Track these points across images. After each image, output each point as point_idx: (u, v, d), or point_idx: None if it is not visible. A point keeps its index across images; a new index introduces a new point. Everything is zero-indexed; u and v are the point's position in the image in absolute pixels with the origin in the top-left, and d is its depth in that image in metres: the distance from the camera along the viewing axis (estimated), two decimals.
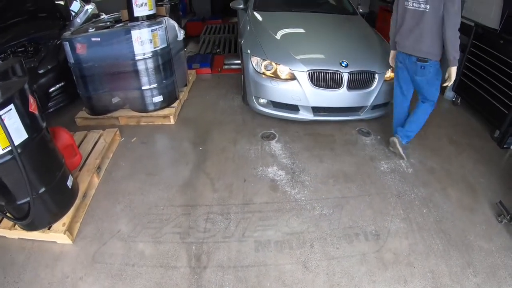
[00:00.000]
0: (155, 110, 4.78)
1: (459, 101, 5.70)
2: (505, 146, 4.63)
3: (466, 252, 3.01)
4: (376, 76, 4.39)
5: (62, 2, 6.96)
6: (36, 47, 4.96)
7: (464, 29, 4.89)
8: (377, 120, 4.88)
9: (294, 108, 4.47)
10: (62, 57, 4.45)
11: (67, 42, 4.20)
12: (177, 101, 5.03)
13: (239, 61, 5.94)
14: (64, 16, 6.36)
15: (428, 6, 3.32)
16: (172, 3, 6.04)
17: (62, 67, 4.75)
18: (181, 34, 5.00)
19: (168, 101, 4.89)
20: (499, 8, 5.11)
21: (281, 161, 4.06)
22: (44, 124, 2.84)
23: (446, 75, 3.61)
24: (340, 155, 4.21)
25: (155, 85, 4.62)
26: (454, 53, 3.37)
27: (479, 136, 4.87)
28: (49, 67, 4.81)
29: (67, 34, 4.30)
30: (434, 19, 3.34)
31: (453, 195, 3.68)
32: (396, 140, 4.09)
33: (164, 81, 4.70)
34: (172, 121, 4.77)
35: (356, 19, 5.82)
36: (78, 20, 6.95)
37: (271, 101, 4.54)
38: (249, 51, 4.64)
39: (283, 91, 4.35)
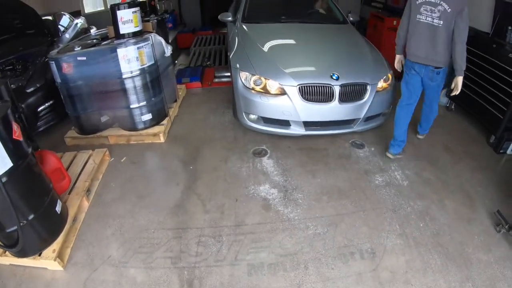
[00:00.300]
0: (144, 128, 4.70)
1: (453, 107, 5.68)
2: (501, 151, 4.60)
3: (464, 265, 2.95)
4: (368, 87, 4.30)
5: (50, 18, 6.92)
6: (24, 65, 4.88)
7: None
8: (370, 131, 4.82)
9: (285, 123, 4.38)
10: (50, 75, 4.36)
11: (53, 62, 4.13)
12: (167, 118, 4.95)
13: (229, 74, 5.72)
14: (52, 32, 6.30)
15: (441, 22, 3.57)
16: (159, 18, 5.97)
17: (50, 85, 4.65)
18: (168, 50, 4.95)
19: (157, 119, 4.81)
20: (490, 12, 5.11)
21: (273, 179, 3.98)
22: (29, 150, 2.77)
23: (453, 85, 3.89)
24: (334, 170, 4.14)
25: (144, 103, 4.54)
26: (462, 64, 3.69)
27: (474, 142, 4.83)
28: (37, 85, 4.75)
29: (53, 53, 4.22)
30: (446, 33, 3.61)
31: (450, 206, 3.62)
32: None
33: (152, 99, 4.63)
34: (162, 139, 4.69)
35: (347, 28, 5.75)
36: (67, 36, 6.89)
37: (262, 117, 4.44)
38: (238, 65, 4.55)
39: (273, 106, 4.27)
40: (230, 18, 5.97)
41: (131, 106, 4.50)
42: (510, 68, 4.38)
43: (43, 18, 6.57)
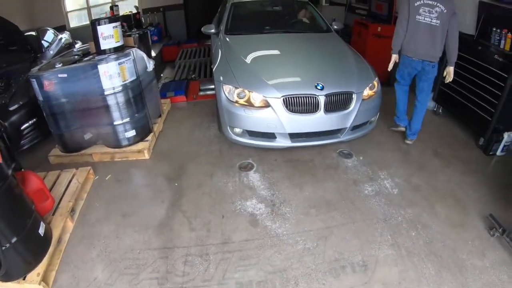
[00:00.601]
0: (129, 145, 4.60)
1: (440, 111, 5.69)
2: (490, 153, 4.62)
3: (459, 272, 2.91)
4: (354, 96, 4.22)
5: (34, 33, 6.84)
6: (7, 82, 4.78)
7: None
8: (358, 140, 4.71)
9: (271, 136, 4.27)
10: (33, 93, 4.26)
11: (35, 79, 4.04)
12: (151, 134, 4.86)
13: (214, 86, 5.26)
14: (35, 48, 6.23)
15: (438, 22, 4.15)
16: (141, 32, 5.91)
17: (33, 103, 4.54)
18: (150, 65, 4.86)
19: (141, 135, 4.72)
20: (474, 14, 5.15)
21: (260, 193, 3.89)
22: (10, 171, 2.69)
23: (445, 73, 4.42)
24: (322, 182, 4.07)
25: (127, 119, 4.46)
26: (455, 57, 4.30)
27: (463, 146, 4.83)
28: (20, 103, 4.67)
29: (34, 70, 4.13)
30: (442, 32, 4.20)
31: (441, 212, 3.58)
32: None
33: (136, 115, 4.54)
34: (146, 156, 4.60)
35: (331, 37, 5.70)
36: (51, 52, 6.83)
37: (247, 130, 4.33)
38: (221, 78, 4.45)
39: (258, 119, 4.17)
40: (213, 30, 5.91)
41: (115, 123, 4.42)
42: (496, 69, 4.40)
43: (27, 34, 6.52)
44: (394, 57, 4.60)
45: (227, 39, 5.44)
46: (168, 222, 3.54)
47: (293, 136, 4.25)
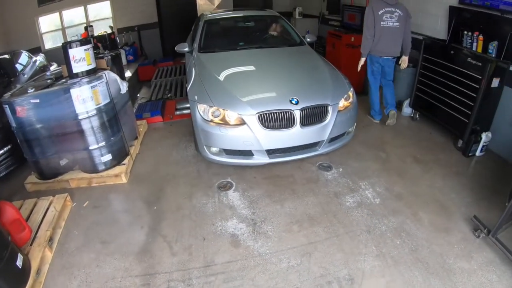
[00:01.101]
0: (105, 169, 4.50)
1: (417, 116, 5.77)
2: (470, 154, 4.68)
3: (447, 277, 2.90)
4: (330, 108, 4.22)
5: (7, 56, 6.73)
6: None
7: (414, 44, 5.06)
8: (336, 151, 4.74)
9: (248, 153, 4.23)
10: (7, 118, 4.15)
11: (7, 105, 3.93)
12: (128, 157, 4.77)
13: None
14: (8, 72, 6.11)
15: (398, 24, 5.13)
16: (113, 54, 5.85)
17: (7, 129, 4.35)
18: (124, 87, 4.80)
19: (118, 159, 4.63)
20: (445, 19, 5.28)
21: (241, 212, 3.82)
22: None
23: (401, 61, 5.51)
24: (302, 197, 4.01)
25: (103, 143, 4.37)
26: (409, 48, 5.37)
27: (442, 149, 4.89)
28: None
29: (6, 96, 4.02)
30: (400, 31, 5.19)
31: (425, 218, 3.58)
32: (394, 112, 5.67)
33: (111, 138, 4.45)
34: (124, 180, 4.51)
35: (304, 50, 5.75)
36: (25, 75, 6.72)
37: (223, 149, 4.29)
38: (195, 97, 4.40)
39: (234, 137, 4.12)
40: (186, 49, 5.85)
41: (90, 148, 4.32)
42: (470, 72, 4.46)
43: (0, 57, 6.40)
44: (363, 59, 5.47)
45: (201, 57, 5.41)
46: (148, 247, 3.43)
47: (271, 152, 4.21)
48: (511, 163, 4.50)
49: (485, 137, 4.57)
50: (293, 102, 4.09)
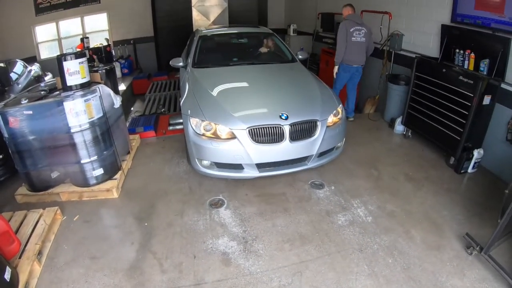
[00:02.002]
0: (97, 183, 4.45)
1: (410, 134, 5.78)
2: (462, 171, 4.70)
3: None
4: (318, 124, 4.31)
5: (2, 65, 6.70)
6: None
7: (406, 62, 5.04)
8: (329, 169, 4.79)
9: (239, 166, 4.30)
10: None
11: (0, 116, 3.90)
12: (120, 172, 4.73)
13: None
14: (2, 81, 6.09)
15: (364, 39, 6.26)
16: (108, 68, 5.85)
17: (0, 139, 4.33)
18: (117, 102, 4.78)
19: (110, 173, 4.59)
20: (437, 37, 5.36)
21: (232, 230, 3.78)
22: None
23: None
24: (294, 215, 3.99)
25: (95, 157, 4.34)
26: (368, 55, 6.59)
27: (434, 167, 4.89)
28: None
29: None
30: (365, 45, 6.35)
31: (417, 236, 3.58)
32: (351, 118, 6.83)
33: (103, 153, 4.42)
34: (115, 195, 4.47)
35: (295, 67, 5.89)
36: (19, 85, 6.69)
37: (214, 162, 4.37)
38: (188, 112, 4.49)
39: (225, 151, 4.21)
40: (181, 64, 5.96)
41: (82, 161, 4.28)
42: (461, 90, 4.49)
43: None
44: (337, 68, 6.53)
45: (194, 72, 5.53)
46: (138, 264, 3.39)
47: (260, 166, 4.28)
48: (503, 179, 4.51)
49: (477, 154, 4.60)
50: (283, 117, 4.18)
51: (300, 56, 6.17)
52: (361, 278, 3.10)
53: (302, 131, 4.24)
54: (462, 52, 4.82)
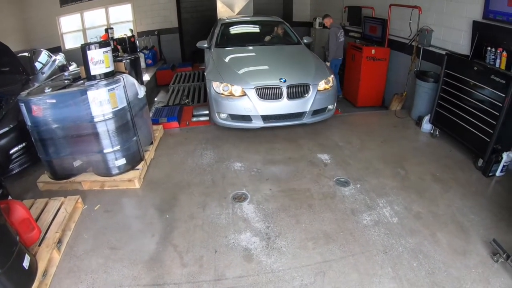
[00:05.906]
0: (119, 173, 4.47)
1: (437, 133, 5.61)
2: (490, 174, 4.54)
3: None
4: (310, 87, 5.64)
5: (27, 54, 6.76)
6: None
7: (435, 58, 4.88)
8: (354, 167, 4.76)
9: (248, 118, 5.60)
10: (22, 116, 4.14)
11: (23, 104, 3.94)
12: (142, 163, 4.74)
13: (207, 112, 6.55)
14: (27, 70, 6.14)
15: (343, 39, 8.03)
16: (132, 58, 5.84)
17: (23, 127, 4.39)
18: (141, 92, 4.77)
19: (132, 164, 4.60)
20: (468, 34, 5.18)
21: (255, 226, 3.74)
22: None
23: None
24: (319, 212, 3.92)
25: (117, 147, 4.34)
26: None
27: (462, 168, 4.75)
28: (10, 126, 4.61)
29: (23, 94, 4.03)
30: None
31: (443, 240, 3.47)
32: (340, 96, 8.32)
33: (126, 143, 4.43)
34: (137, 185, 4.47)
35: (299, 48, 7.20)
36: (43, 74, 6.75)
37: (230, 115, 5.64)
38: (211, 77, 5.86)
39: (238, 105, 5.53)
40: (206, 45, 7.39)
41: (104, 151, 4.30)
42: (493, 89, 4.34)
43: (20, 55, 6.45)
44: (329, 63, 7.77)
45: (217, 51, 6.94)
46: (158, 257, 3.38)
47: (265, 118, 5.60)
48: None
49: (506, 157, 4.44)
50: (282, 80, 5.56)
51: (305, 41, 7.49)
52: (385, 280, 3.03)
53: (297, 92, 5.60)
54: (493, 50, 4.62)
